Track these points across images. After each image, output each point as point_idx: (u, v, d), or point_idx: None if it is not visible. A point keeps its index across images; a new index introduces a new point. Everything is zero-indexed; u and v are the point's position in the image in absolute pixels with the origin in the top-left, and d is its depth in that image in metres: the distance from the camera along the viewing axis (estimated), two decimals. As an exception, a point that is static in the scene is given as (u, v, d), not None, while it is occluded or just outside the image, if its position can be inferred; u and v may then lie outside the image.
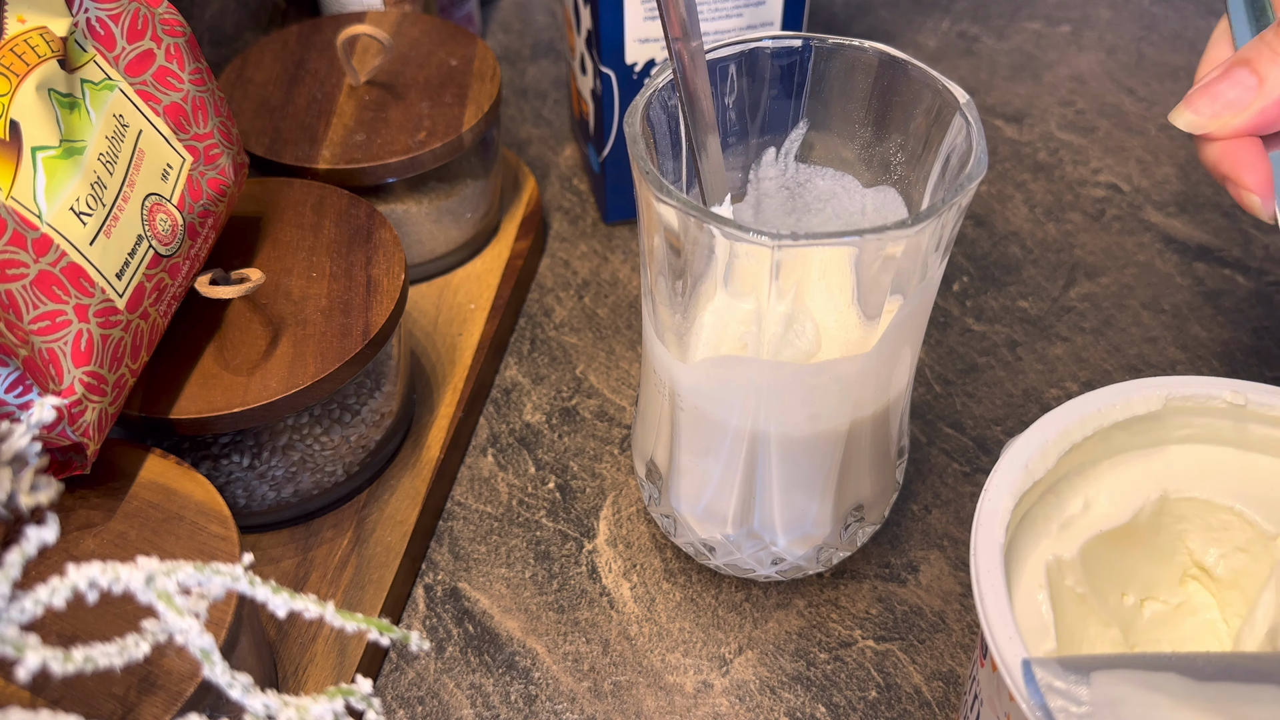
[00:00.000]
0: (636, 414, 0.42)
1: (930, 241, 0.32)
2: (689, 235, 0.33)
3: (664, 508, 0.41)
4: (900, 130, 0.37)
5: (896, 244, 0.32)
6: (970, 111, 0.34)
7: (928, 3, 0.73)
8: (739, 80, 0.37)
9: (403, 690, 0.40)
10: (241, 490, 0.42)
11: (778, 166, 0.40)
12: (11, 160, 0.34)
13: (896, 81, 0.36)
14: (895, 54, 0.36)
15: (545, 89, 0.66)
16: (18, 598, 0.25)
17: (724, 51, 0.36)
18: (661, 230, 0.33)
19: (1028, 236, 0.57)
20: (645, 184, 0.32)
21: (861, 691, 0.40)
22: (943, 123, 0.35)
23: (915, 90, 0.36)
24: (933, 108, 0.35)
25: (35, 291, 0.33)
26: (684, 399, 0.37)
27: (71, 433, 0.34)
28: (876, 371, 0.35)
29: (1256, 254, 0.56)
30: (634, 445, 0.43)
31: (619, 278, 0.55)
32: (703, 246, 0.34)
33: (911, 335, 0.36)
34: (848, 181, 0.39)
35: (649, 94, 0.35)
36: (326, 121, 0.49)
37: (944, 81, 0.35)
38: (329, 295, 0.42)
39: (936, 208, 0.31)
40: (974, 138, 0.33)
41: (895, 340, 0.35)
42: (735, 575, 0.42)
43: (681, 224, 0.32)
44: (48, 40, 0.35)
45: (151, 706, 0.31)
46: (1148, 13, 0.71)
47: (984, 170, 0.32)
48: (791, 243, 0.30)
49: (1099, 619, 0.32)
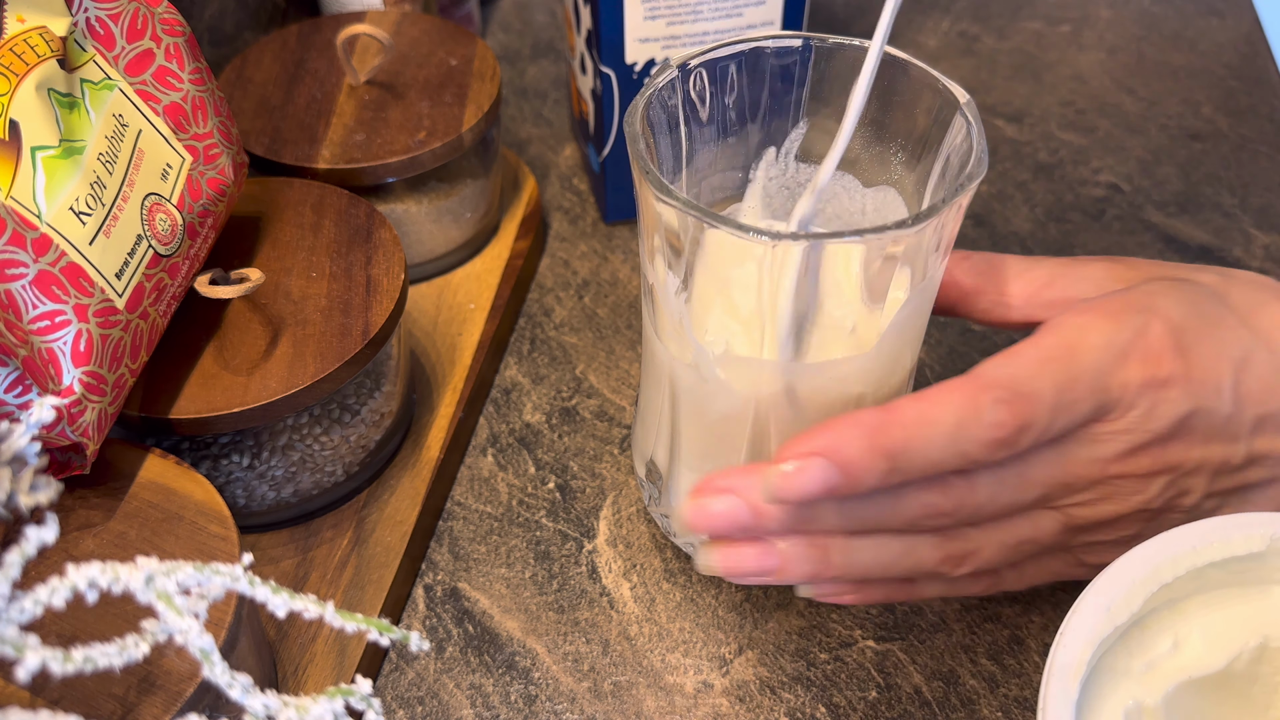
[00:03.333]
0: (636, 414, 0.42)
1: (930, 241, 0.32)
2: (689, 234, 0.33)
3: (664, 507, 0.41)
4: (901, 130, 0.37)
5: (897, 244, 0.32)
6: (971, 111, 0.34)
7: (928, 3, 0.73)
8: (739, 79, 0.37)
9: (403, 690, 0.40)
10: (241, 490, 0.42)
11: (778, 166, 0.40)
12: (11, 160, 0.34)
13: (897, 81, 0.36)
14: (896, 54, 0.36)
15: (545, 89, 0.66)
16: (17, 598, 0.25)
17: (725, 51, 0.36)
18: (662, 229, 0.33)
19: (1028, 236, 0.57)
20: (645, 184, 0.32)
21: (861, 691, 0.40)
22: (943, 122, 0.35)
23: (916, 90, 0.36)
24: (933, 107, 0.35)
25: (35, 291, 0.33)
26: (684, 399, 0.37)
27: (71, 433, 0.34)
28: (877, 371, 0.35)
29: (1257, 254, 0.56)
30: (634, 445, 0.43)
31: (619, 278, 0.55)
32: (702, 246, 0.34)
33: (912, 335, 0.36)
34: (848, 181, 0.39)
35: (649, 94, 0.35)
36: (326, 121, 0.49)
37: (944, 81, 0.35)
38: (329, 295, 0.42)
39: (936, 207, 0.31)
40: (974, 138, 0.33)
41: (895, 340, 0.35)
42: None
43: (681, 223, 0.32)
44: (47, 40, 0.35)
45: (151, 707, 0.31)
46: (1148, 13, 0.71)
47: (984, 170, 0.32)
48: (791, 242, 0.30)
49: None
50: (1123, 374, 0.32)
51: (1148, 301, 0.34)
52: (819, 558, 0.33)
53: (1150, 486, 0.34)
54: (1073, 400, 0.32)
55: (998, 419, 0.31)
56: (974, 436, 0.31)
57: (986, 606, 0.42)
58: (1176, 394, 0.33)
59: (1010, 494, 0.33)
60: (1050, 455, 0.33)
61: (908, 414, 0.31)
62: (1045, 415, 0.32)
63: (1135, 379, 0.32)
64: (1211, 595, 0.31)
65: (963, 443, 0.31)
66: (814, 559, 0.33)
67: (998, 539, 0.35)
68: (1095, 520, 0.35)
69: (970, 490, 0.33)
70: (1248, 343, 0.34)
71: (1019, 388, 0.31)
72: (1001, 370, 0.32)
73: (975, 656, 0.41)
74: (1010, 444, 0.31)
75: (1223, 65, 0.67)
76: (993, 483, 0.33)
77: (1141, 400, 0.32)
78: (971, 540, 0.34)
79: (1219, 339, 0.34)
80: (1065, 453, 0.33)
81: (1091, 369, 0.32)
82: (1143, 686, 0.29)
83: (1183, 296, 0.34)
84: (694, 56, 0.36)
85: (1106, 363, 0.32)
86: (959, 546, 0.34)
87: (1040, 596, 0.42)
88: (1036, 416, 0.31)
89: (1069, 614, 0.29)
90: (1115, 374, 0.32)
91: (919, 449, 0.31)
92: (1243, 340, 0.34)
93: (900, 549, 0.34)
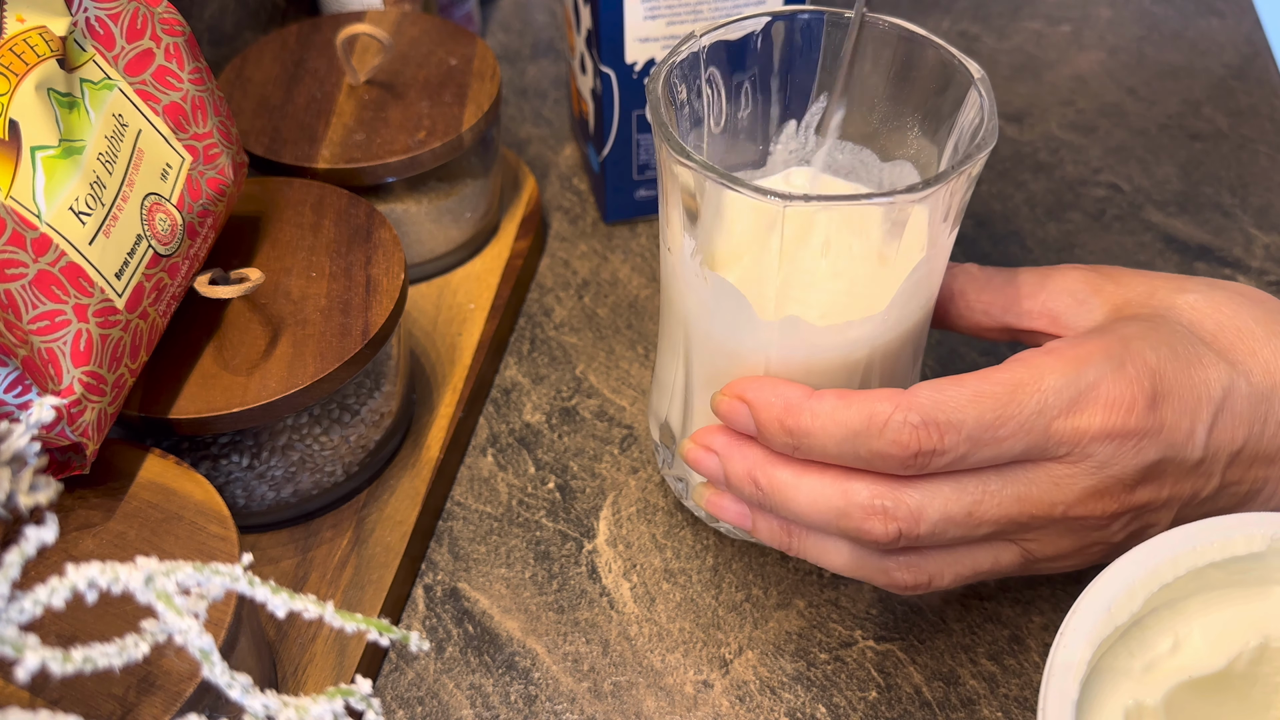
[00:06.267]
0: (653, 379, 0.43)
1: (940, 210, 0.33)
2: (704, 196, 0.34)
3: (677, 470, 0.42)
4: (917, 105, 0.38)
5: (905, 209, 0.32)
6: (984, 86, 0.35)
7: (928, 2, 0.73)
8: (760, 53, 0.38)
9: (402, 690, 0.40)
10: (241, 490, 0.42)
11: (798, 139, 0.41)
12: (11, 160, 0.33)
13: (914, 57, 0.37)
14: (913, 29, 0.37)
15: (545, 88, 0.66)
16: (17, 598, 0.25)
17: (746, 25, 0.37)
18: (679, 191, 0.34)
19: (1028, 236, 0.57)
20: (664, 145, 0.34)
21: (861, 691, 0.40)
22: (957, 97, 0.36)
23: (931, 65, 0.37)
24: (948, 83, 0.36)
25: (34, 291, 0.33)
26: (696, 361, 0.38)
27: (70, 433, 0.34)
28: (884, 336, 0.36)
29: (1257, 254, 0.56)
30: (650, 410, 0.44)
31: (619, 277, 0.55)
32: (718, 209, 0.35)
33: (918, 305, 0.37)
34: (866, 155, 0.40)
35: (672, 62, 0.36)
36: (326, 121, 0.49)
37: (960, 57, 0.36)
38: (328, 295, 0.42)
39: (946, 174, 0.32)
40: (985, 110, 0.34)
41: (903, 306, 0.35)
42: (743, 539, 0.42)
43: (697, 185, 0.33)
44: (47, 40, 0.35)
45: (151, 707, 0.31)
46: (1148, 12, 0.71)
47: (994, 140, 0.33)
48: (803, 204, 0.31)
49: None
50: (1073, 420, 0.32)
51: (1122, 348, 0.34)
52: (783, 540, 0.37)
53: (1112, 524, 0.34)
54: (997, 437, 0.32)
55: (899, 438, 0.32)
56: (871, 448, 0.33)
57: (986, 606, 0.42)
58: (1147, 444, 0.33)
59: (959, 529, 0.34)
60: (1004, 495, 0.33)
61: (823, 404, 0.33)
62: (960, 445, 0.32)
63: (1091, 426, 0.32)
64: (1211, 595, 0.31)
65: (860, 449, 0.33)
66: (779, 539, 0.37)
67: (954, 570, 0.35)
68: (1055, 554, 0.35)
69: (915, 520, 0.33)
70: (1226, 379, 0.34)
71: (935, 414, 0.32)
72: (930, 394, 0.33)
73: (975, 656, 0.41)
74: (913, 464, 0.32)
75: (1223, 65, 0.67)
76: (939, 519, 0.33)
77: (1100, 448, 0.33)
78: (931, 563, 0.35)
79: (1196, 382, 0.34)
80: (1021, 495, 0.33)
81: (1031, 410, 0.32)
82: (1142, 686, 0.29)
83: (1160, 340, 0.34)
84: (716, 27, 0.37)
85: (1053, 406, 0.32)
86: (917, 573, 0.35)
87: (1040, 596, 0.42)
88: (947, 445, 0.32)
89: (1069, 614, 0.29)
90: (1064, 419, 0.32)
91: (818, 439, 0.33)
92: (1221, 378, 0.34)
93: (856, 558, 0.35)
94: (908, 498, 0.33)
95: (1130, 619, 0.30)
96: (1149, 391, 0.33)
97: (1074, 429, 0.32)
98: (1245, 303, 0.36)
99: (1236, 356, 0.34)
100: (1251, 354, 0.35)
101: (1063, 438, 0.32)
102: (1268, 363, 0.34)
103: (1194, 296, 0.36)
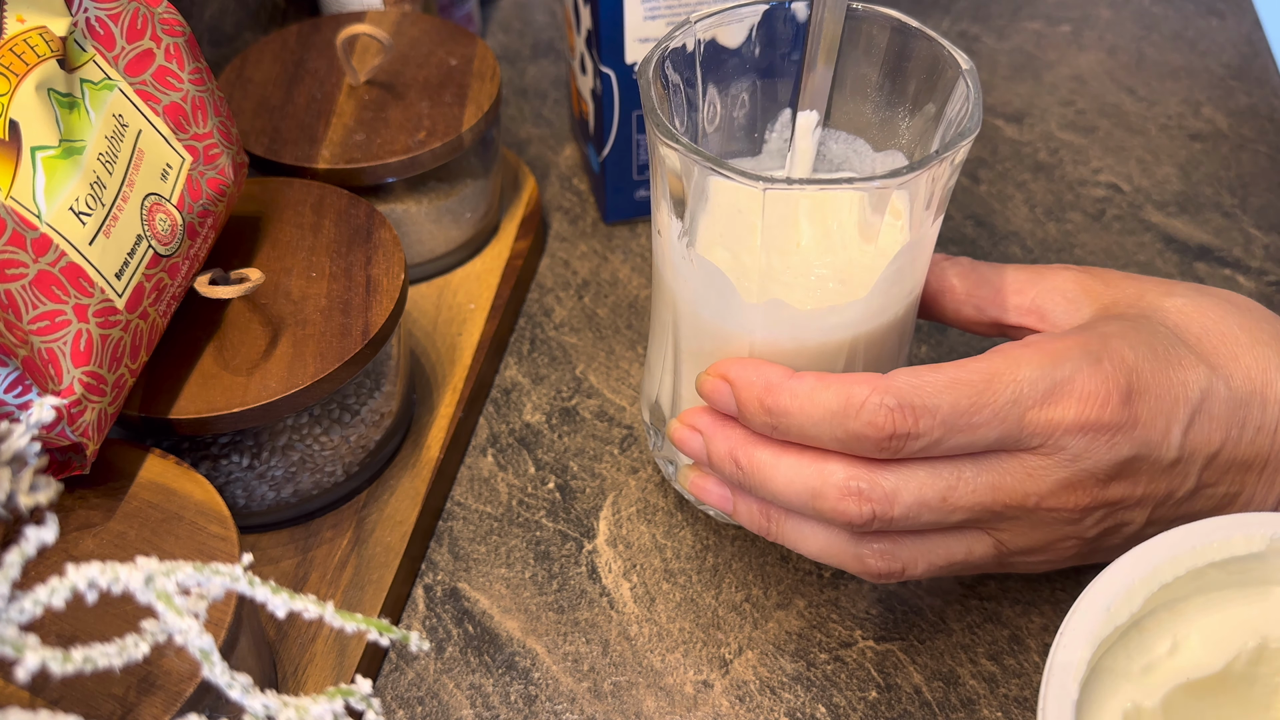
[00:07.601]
0: (644, 364, 0.43)
1: (921, 196, 0.34)
2: (691, 180, 0.34)
3: (666, 452, 0.42)
4: (908, 95, 0.38)
5: (885, 195, 0.33)
6: (971, 77, 0.35)
7: (928, 2, 0.73)
8: (755, 42, 0.38)
9: (402, 690, 0.40)
10: (241, 490, 0.42)
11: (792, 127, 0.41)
12: (11, 160, 0.34)
13: (906, 47, 0.37)
14: (906, 20, 0.37)
15: (545, 89, 0.66)
16: (17, 598, 0.25)
17: (742, 14, 0.38)
18: (666, 174, 0.35)
19: (1028, 236, 0.57)
20: (652, 128, 0.34)
21: (861, 691, 0.40)
22: (946, 88, 0.36)
23: (922, 56, 0.37)
24: (938, 73, 0.36)
25: (34, 291, 0.33)
26: (685, 343, 0.38)
27: (71, 433, 0.34)
28: (869, 322, 0.36)
29: (1257, 254, 0.56)
30: (641, 393, 0.44)
31: (619, 278, 0.55)
32: (705, 192, 0.35)
33: (903, 291, 0.37)
34: (859, 145, 0.40)
35: (664, 48, 0.36)
36: (326, 121, 0.49)
37: (950, 48, 0.36)
38: (328, 295, 0.42)
39: (927, 159, 0.32)
40: (971, 99, 0.34)
41: (886, 291, 0.36)
42: (731, 523, 0.43)
43: (684, 168, 0.34)
44: (47, 40, 0.35)
45: (151, 707, 0.31)
46: (1148, 13, 0.71)
47: (977, 127, 0.33)
48: (784, 187, 0.31)
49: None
50: (1047, 411, 0.33)
51: (1100, 345, 0.34)
52: (761, 524, 0.37)
53: (1085, 519, 0.34)
54: (971, 424, 0.33)
55: (875, 420, 0.32)
56: (847, 429, 0.33)
57: (986, 606, 0.42)
58: (1120, 439, 0.33)
59: (933, 514, 0.34)
60: (978, 483, 0.34)
61: (802, 385, 0.34)
62: (935, 430, 0.33)
63: (1065, 418, 0.33)
64: (1211, 596, 0.31)
65: (837, 430, 0.33)
66: (758, 522, 0.37)
67: (927, 559, 0.36)
68: (1027, 547, 0.36)
69: (889, 502, 0.33)
70: (1205, 382, 0.34)
71: (912, 399, 0.32)
72: (908, 379, 0.33)
73: (975, 656, 0.41)
74: (889, 447, 0.33)
75: (1223, 65, 0.67)
76: (914, 502, 0.34)
77: (1073, 441, 0.33)
78: (905, 550, 0.35)
79: (1174, 382, 0.34)
80: (995, 483, 0.34)
81: (1006, 399, 0.33)
82: (1142, 689, 0.29)
83: (1139, 339, 0.34)
84: (710, 15, 0.37)
85: (1028, 396, 0.33)
86: (891, 560, 0.35)
87: (1040, 596, 0.42)
88: (921, 429, 0.32)
89: (1069, 614, 0.29)
90: (1038, 410, 0.33)
91: (796, 419, 0.34)
92: (1200, 381, 0.34)
93: (831, 543, 0.36)
94: (883, 480, 0.33)
95: (1130, 619, 0.30)
96: (1124, 387, 0.33)
97: (1048, 420, 0.33)
98: (1232, 309, 0.36)
99: (1218, 361, 0.35)
100: (1233, 359, 0.35)
101: (1036, 428, 0.33)
102: (1249, 369, 0.35)
103: (1181, 300, 0.36)
